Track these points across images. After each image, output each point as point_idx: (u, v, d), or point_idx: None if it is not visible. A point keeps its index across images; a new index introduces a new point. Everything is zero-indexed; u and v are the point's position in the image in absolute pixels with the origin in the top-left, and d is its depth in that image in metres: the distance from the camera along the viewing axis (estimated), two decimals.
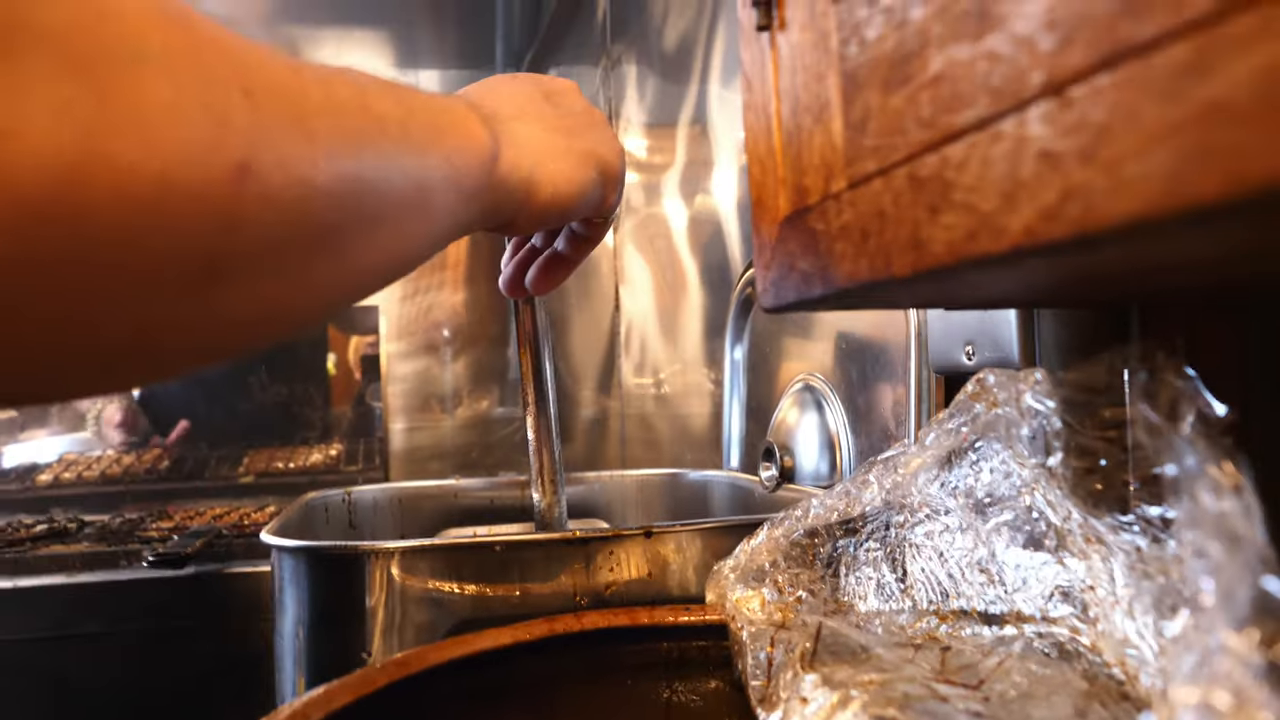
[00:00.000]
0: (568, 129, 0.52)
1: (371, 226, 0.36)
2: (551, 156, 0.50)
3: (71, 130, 0.24)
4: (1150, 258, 0.23)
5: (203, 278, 0.29)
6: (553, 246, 0.58)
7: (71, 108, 0.24)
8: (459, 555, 0.54)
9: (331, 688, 0.42)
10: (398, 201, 0.38)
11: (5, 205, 0.23)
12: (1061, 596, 0.41)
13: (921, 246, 0.26)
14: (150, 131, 0.25)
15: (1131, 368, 0.32)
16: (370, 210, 0.36)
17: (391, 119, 0.37)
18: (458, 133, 0.43)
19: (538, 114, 0.52)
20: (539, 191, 0.49)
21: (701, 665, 0.53)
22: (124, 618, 0.90)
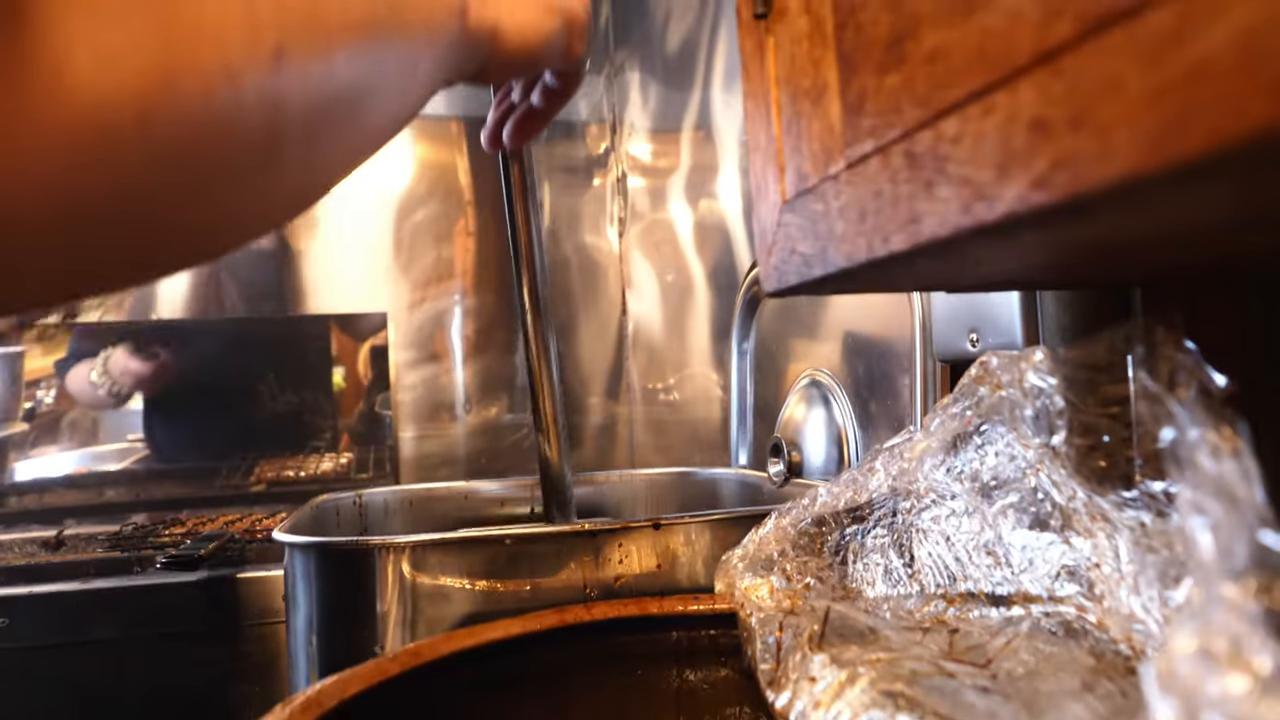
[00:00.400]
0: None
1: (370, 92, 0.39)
2: (517, 6, 0.53)
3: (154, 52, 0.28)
4: (1142, 226, 0.24)
5: (267, 153, 0.33)
6: (527, 101, 0.62)
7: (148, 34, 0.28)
8: (469, 549, 0.55)
9: (345, 676, 0.42)
10: (390, 64, 0.41)
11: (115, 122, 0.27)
12: (1068, 575, 0.41)
13: (918, 221, 0.26)
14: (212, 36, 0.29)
15: (1132, 343, 0.32)
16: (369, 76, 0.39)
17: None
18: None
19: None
20: (505, 39, 0.52)
21: (711, 654, 0.53)
22: (138, 623, 0.91)
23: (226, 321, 1.64)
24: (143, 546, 1.03)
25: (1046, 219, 0.22)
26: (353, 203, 1.82)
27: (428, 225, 1.85)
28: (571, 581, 0.56)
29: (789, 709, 0.38)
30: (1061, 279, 0.38)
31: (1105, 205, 0.20)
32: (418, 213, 1.85)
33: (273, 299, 1.69)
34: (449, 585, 0.55)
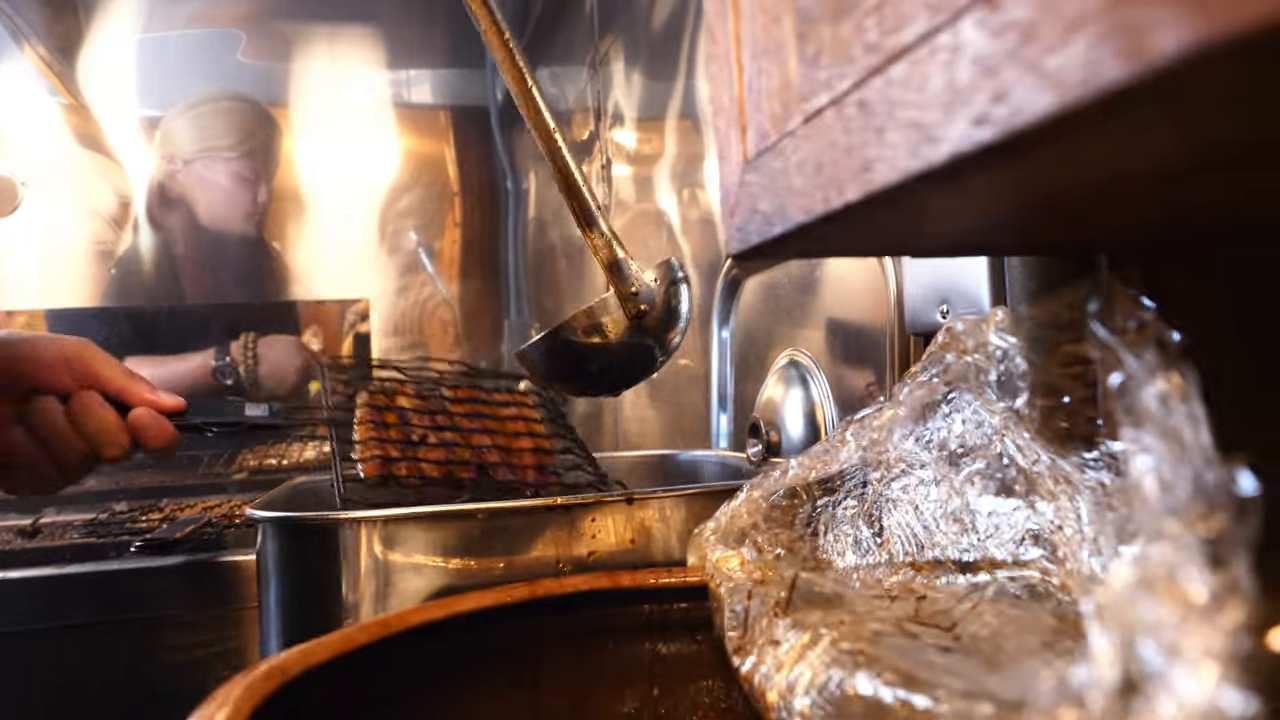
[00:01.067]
0: None
1: None
2: None
3: None
4: (1084, 168, 0.24)
5: None
6: None
7: None
8: (441, 524, 0.55)
9: (311, 645, 0.42)
10: None
11: None
12: (1032, 540, 0.41)
13: (870, 169, 0.26)
14: None
15: (1090, 298, 0.32)
16: None
17: None
18: None
19: None
20: None
21: (684, 627, 0.53)
22: (116, 608, 0.90)
23: (209, 307, 1.64)
24: (120, 532, 1.03)
25: (989, 158, 0.22)
26: (338, 192, 1.81)
27: (413, 214, 1.85)
28: (545, 557, 0.56)
29: (753, 673, 0.38)
30: (1024, 242, 0.38)
31: (1043, 139, 0.20)
32: (403, 201, 1.85)
33: (255, 285, 1.68)
34: (421, 560, 0.55)
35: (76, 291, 1.65)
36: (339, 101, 1.86)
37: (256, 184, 1.70)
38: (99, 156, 1.70)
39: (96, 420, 0.64)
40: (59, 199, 1.68)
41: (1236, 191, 0.27)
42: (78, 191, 1.69)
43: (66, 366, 0.65)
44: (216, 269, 1.68)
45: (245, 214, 1.69)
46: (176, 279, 1.67)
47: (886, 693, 0.30)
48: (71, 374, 0.65)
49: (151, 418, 0.65)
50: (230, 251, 1.69)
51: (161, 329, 1.61)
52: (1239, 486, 0.21)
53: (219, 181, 1.68)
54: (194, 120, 1.71)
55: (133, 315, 1.62)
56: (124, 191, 1.70)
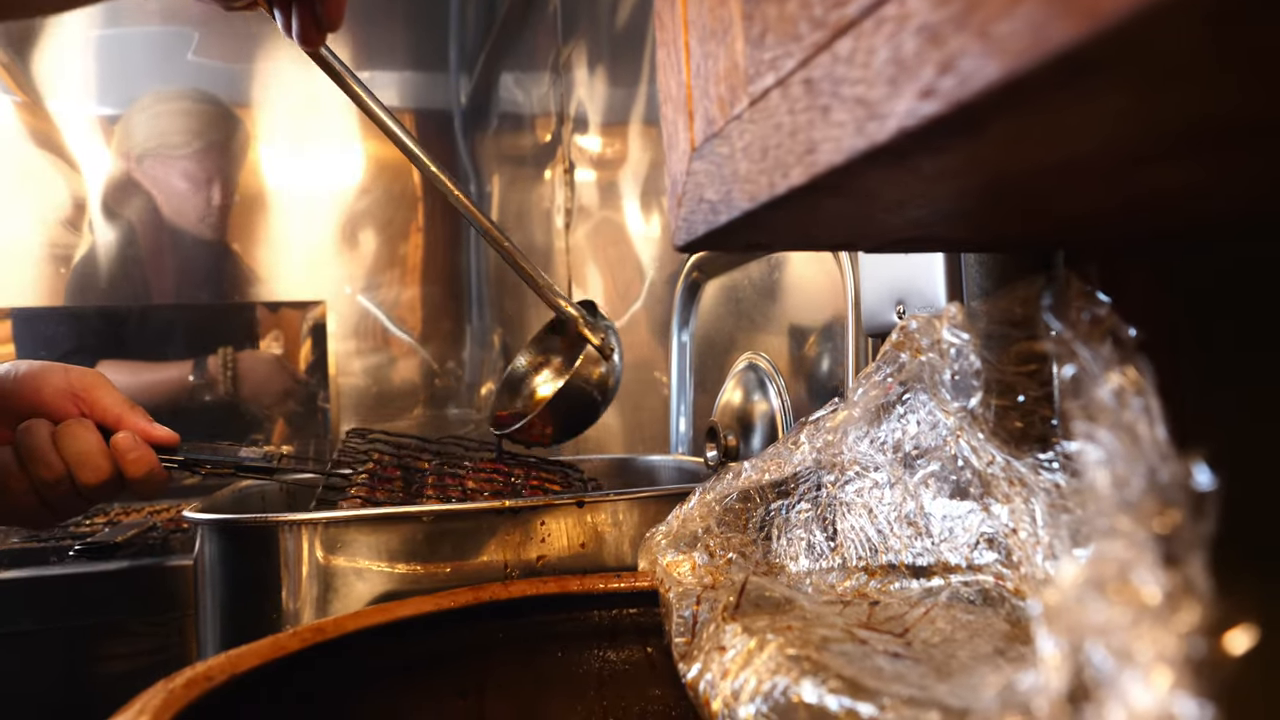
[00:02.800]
0: None
1: None
2: None
3: None
4: (1034, 148, 0.23)
5: None
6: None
7: None
8: (384, 526, 0.53)
9: (239, 652, 0.40)
10: None
11: None
12: (986, 544, 0.40)
13: (815, 150, 0.25)
14: None
15: (1045, 293, 0.31)
16: None
17: None
18: None
19: None
20: None
21: (634, 633, 0.52)
22: (57, 614, 0.87)
23: (161, 308, 1.60)
24: (61, 536, 1.00)
25: (937, 134, 0.21)
26: (298, 194, 1.78)
27: (374, 217, 1.82)
28: (493, 562, 0.55)
29: (698, 680, 0.37)
30: (979, 236, 0.37)
31: (992, 112, 0.19)
32: (363, 204, 1.82)
33: (210, 287, 1.65)
34: (365, 565, 0.53)
35: (35, 290, 1.61)
36: (301, 103, 1.84)
37: (210, 184, 1.67)
38: (53, 156, 1.66)
39: (78, 441, 0.61)
40: (12, 197, 1.64)
41: (1191, 179, 0.26)
42: (32, 190, 1.65)
43: (72, 397, 0.63)
44: (176, 269, 1.65)
45: (200, 215, 1.66)
46: (135, 279, 1.63)
47: (831, 701, 0.29)
48: (76, 404, 0.64)
49: (133, 442, 0.62)
50: (189, 252, 1.65)
51: (130, 329, 1.57)
52: (1195, 482, 0.20)
53: (172, 181, 1.65)
54: (151, 118, 1.68)
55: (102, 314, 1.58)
56: (79, 191, 1.66)
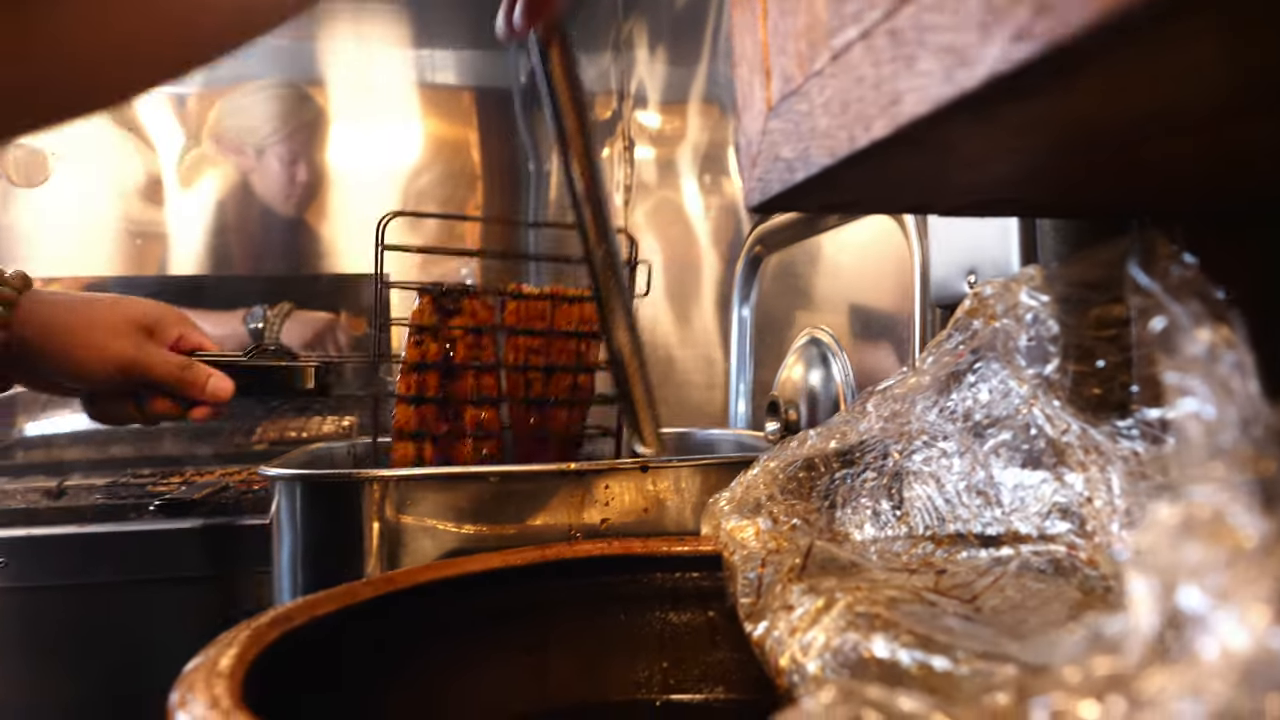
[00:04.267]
0: None
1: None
2: None
3: None
4: (1128, 96, 0.22)
5: None
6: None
7: None
8: (454, 485, 0.54)
9: (316, 597, 0.41)
10: None
11: None
12: (1059, 513, 0.40)
13: (899, 101, 0.25)
14: None
15: (1129, 255, 0.31)
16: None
17: None
18: None
19: None
20: None
21: (696, 597, 0.52)
22: (134, 568, 0.91)
23: (233, 279, 1.64)
24: (141, 495, 1.04)
25: (1028, 79, 0.21)
26: (360, 171, 1.81)
27: (433, 195, 1.84)
28: (557, 524, 0.55)
29: (765, 637, 0.37)
30: (1060, 199, 0.36)
31: (1087, 54, 0.19)
32: (423, 181, 1.84)
33: (286, 260, 1.69)
34: (433, 523, 0.54)
35: (113, 261, 1.66)
36: (363, 81, 1.86)
37: (295, 164, 1.72)
38: (129, 133, 1.71)
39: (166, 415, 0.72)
40: (92, 173, 1.69)
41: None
42: (110, 166, 1.70)
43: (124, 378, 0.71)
44: (257, 243, 1.70)
45: (284, 193, 1.71)
46: (214, 251, 1.68)
47: (904, 655, 0.29)
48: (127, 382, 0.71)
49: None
50: (269, 226, 1.70)
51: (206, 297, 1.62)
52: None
53: (264, 162, 1.70)
54: (241, 108, 1.73)
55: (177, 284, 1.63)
56: (154, 167, 1.70)
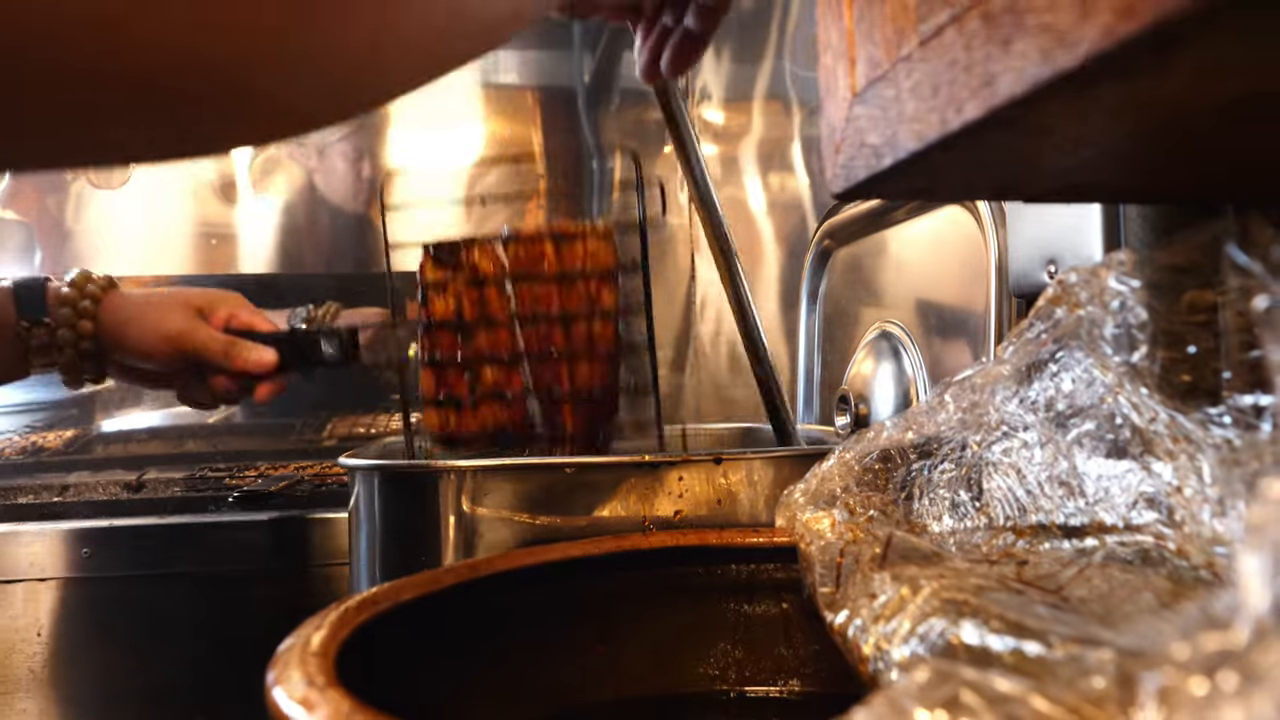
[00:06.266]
0: None
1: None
2: None
3: None
4: (1229, 77, 0.22)
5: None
6: (682, 24, 0.55)
7: None
8: (529, 475, 0.55)
9: (400, 583, 0.42)
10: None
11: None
12: (1146, 503, 0.39)
13: (993, 82, 0.25)
14: None
15: (1224, 237, 0.30)
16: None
17: None
18: None
19: None
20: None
21: (771, 589, 0.52)
22: (213, 559, 0.94)
23: (305, 277, 1.68)
24: (218, 488, 1.07)
25: (1128, 58, 0.21)
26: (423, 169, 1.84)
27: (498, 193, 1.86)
28: (630, 514, 0.56)
29: (847, 625, 0.37)
30: (1146, 184, 0.35)
31: (1192, 29, 0.19)
32: (488, 180, 1.86)
33: (354, 257, 1.72)
34: (506, 514, 0.55)
35: (185, 260, 1.71)
36: None
37: (360, 161, 1.75)
38: None
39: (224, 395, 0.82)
40: (165, 174, 1.74)
41: None
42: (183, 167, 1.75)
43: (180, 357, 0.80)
44: (325, 242, 1.74)
45: (352, 190, 1.75)
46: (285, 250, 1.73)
47: (995, 641, 0.29)
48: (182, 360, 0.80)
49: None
50: (337, 225, 1.74)
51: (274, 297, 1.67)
52: None
53: (330, 162, 1.74)
54: None
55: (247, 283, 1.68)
56: (227, 168, 1.75)
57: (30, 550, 0.93)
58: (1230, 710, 0.16)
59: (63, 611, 0.93)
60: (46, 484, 1.15)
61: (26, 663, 0.93)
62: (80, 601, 0.93)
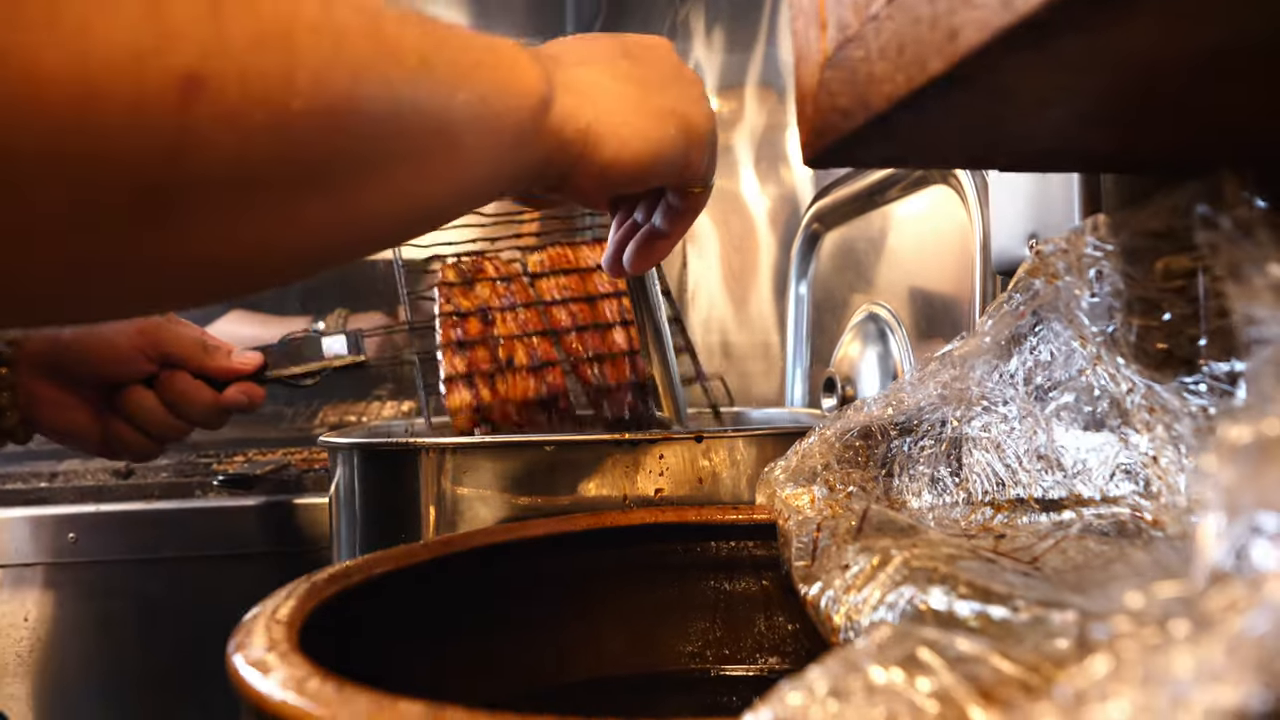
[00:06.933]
0: (644, 81, 0.47)
1: (376, 167, 0.33)
2: (618, 107, 0.45)
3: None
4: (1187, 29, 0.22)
5: (143, 211, 0.26)
6: (650, 222, 0.54)
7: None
8: (510, 453, 0.54)
9: (374, 556, 0.42)
10: (411, 141, 0.34)
11: None
12: (1123, 475, 0.39)
13: (956, 36, 0.24)
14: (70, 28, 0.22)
15: (1198, 198, 0.30)
16: (373, 148, 0.32)
17: (409, 48, 0.33)
18: (500, 71, 0.38)
19: (609, 64, 0.47)
20: (600, 147, 0.44)
21: (750, 566, 0.52)
22: (199, 544, 0.94)
23: None
24: (205, 473, 1.07)
25: (1088, 7, 0.20)
26: None
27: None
28: (611, 493, 0.56)
29: (819, 596, 0.37)
30: (1121, 151, 0.35)
31: None
32: None
33: None
34: (488, 492, 0.55)
35: None
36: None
37: None
38: None
39: (194, 403, 0.66)
40: None
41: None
42: None
43: (141, 352, 0.66)
44: None
45: None
46: None
47: (961, 606, 0.28)
48: (147, 357, 0.66)
49: (242, 391, 0.68)
50: None
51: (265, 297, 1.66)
52: None
53: None
54: None
55: None
56: None
57: (16, 536, 0.93)
58: (1180, 656, 0.16)
59: (50, 597, 0.93)
60: (36, 471, 1.15)
61: (14, 648, 0.93)
62: (67, 587, 0.93)
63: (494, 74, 0.38)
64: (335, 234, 0.34)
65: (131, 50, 0.23)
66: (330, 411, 1.55)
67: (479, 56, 0.37)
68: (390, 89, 0.32)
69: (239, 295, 0.36)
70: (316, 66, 0.28)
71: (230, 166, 0.27)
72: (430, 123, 0.35)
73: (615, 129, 0.44)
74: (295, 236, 0.32)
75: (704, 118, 0.49)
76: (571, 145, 0.43)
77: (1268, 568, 0.15)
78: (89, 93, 0.23)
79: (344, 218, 0.33)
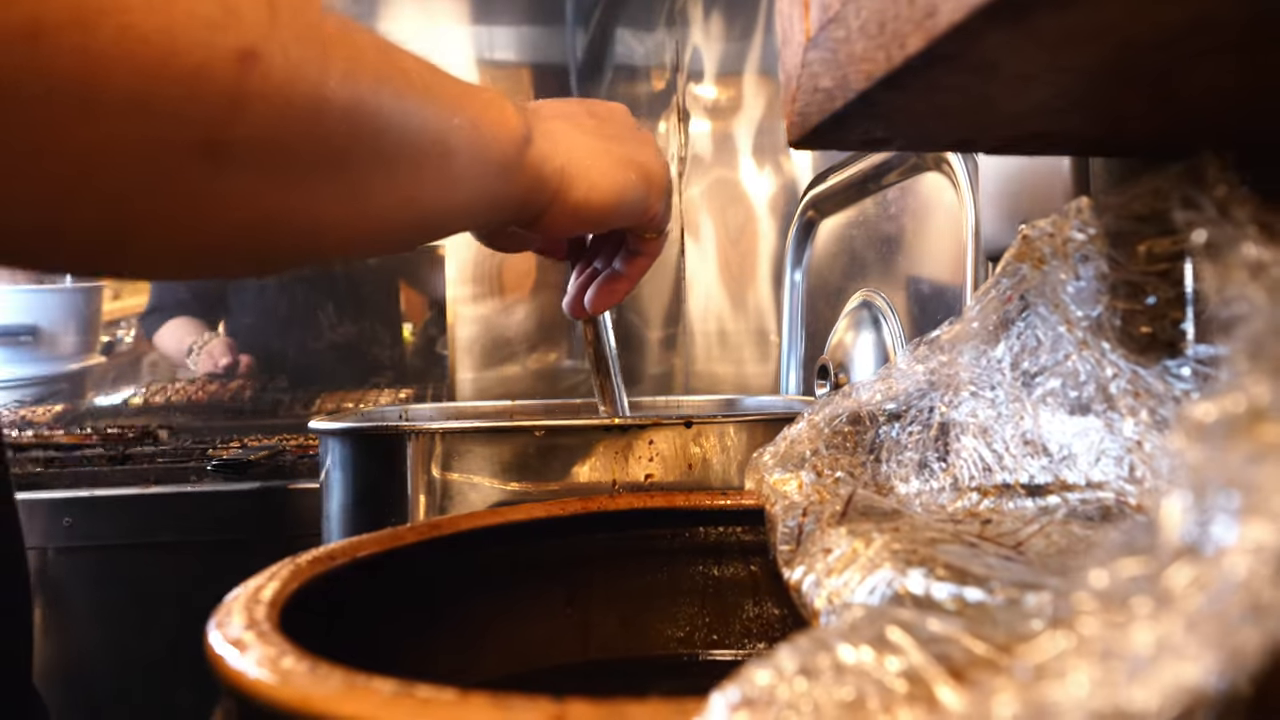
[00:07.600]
0: (607, 134, 0.52)
1: (385, 164, 0.37)
2: (588, 154, 0.50)
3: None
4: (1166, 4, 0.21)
5: (201, 155, 0.30)
6: (610, 266, 0.59)
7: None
8: (499, 438, 0.54)
9: (360, 539, 0.42)
10: (415, 148, 0.38)
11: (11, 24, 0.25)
12: (1109, 460, 0.39)
13: (934, 13, 0.24)
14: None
15: (1180, 181, 0.30)
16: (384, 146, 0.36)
17: (415, 73, 0.38)
18: (491, 110, 0.44)
19: (577, 119, 0.53)
20: (573, 187, 0.49)
21: (738, 552, 0.52)
22: (194, 529, 0.94)
23: None
24: (200, 458, 1.07)
25: None
26: None
27: None
28: (600, 479, 0.56)
29: (802, 581, 0.37)
30: (1107, 133, 0.35)
31: None
32: None
33: None
34: (478, 476, 0.55)
35: None
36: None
37: None
38: None
39: None
40: None
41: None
42: None
43: None
44: None
45: None
46: None
47: (939, 589, 0.28)
48: None
49: None
50: None
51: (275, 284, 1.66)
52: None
53: None
54: None
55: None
56: None
57: None
58: (1140, 632, 0.15)
59: (44, 581, 0.93)
60: (33, 457, 1.15)
61: None
62: (62, 571, 0.94)
63: (485, 109, 0.43)
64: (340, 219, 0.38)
65: (205, 21, 0.28)
66: (327, 399, 1.55)
67: (469, 90, 0.43)
68: (402, 101, 0.37)
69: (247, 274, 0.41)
70: (345, 68, 0.33)
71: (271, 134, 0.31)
72: (432, 135, 0.39)
73: (585, 171, 0.49)
74: (306, 214, 0.36)
75: (662, 168, 0.54)
76: (548, 183, 0.48)
77: (1230, 544, 0.15)
78: (171, 49, 0.27)
79: (350, 208, 0.37)
